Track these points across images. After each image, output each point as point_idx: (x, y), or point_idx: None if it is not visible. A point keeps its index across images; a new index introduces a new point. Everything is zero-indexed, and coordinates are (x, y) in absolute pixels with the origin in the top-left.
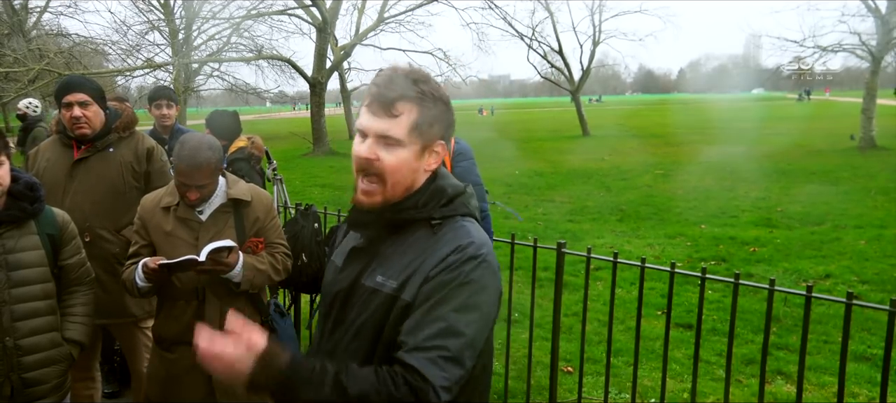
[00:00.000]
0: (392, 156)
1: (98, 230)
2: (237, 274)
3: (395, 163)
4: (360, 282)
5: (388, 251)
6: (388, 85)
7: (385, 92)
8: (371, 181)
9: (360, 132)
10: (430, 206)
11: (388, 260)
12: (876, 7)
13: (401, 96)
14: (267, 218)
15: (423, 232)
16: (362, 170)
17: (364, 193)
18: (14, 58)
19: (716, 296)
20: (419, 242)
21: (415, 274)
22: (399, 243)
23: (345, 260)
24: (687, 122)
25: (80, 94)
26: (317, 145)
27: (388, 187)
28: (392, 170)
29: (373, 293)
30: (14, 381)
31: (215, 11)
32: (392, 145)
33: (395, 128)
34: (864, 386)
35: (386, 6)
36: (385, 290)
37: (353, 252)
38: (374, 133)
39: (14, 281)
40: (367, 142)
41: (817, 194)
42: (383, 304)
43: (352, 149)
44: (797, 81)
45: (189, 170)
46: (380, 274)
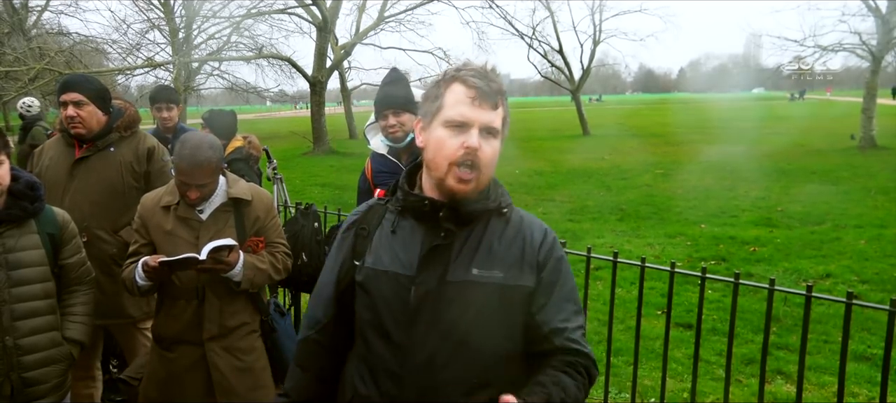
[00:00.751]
0: (490, 147)
1: (95, 230)
2: (237, 272)
3: (491, 155)
4: (448, 280)
5: (468, 244)
6: (487, 79)
7: (490, 85)
8: (470, 170)
9: (461, 124)
10: (496, 195)
11: (476, 252)
12: (876, 7)
13: (500, 90)
14: (267, 218)
15: (495, 220)
16: (462, 162)
17: (462, 181)
18: (14, 56)
19: (716, 296)
20: (499, 230)
21: (521, 261)
22: (475, 235)
23: (421, 260)
24: (687, 122)
25: (74, 94)
26: (317, 144)
27: (483, 177)
28: (488, 161)
29: (475, 286)
30: (14, 380)
31: (215, 10)
32: (492, 137)
33: (496, 120)
34: (864, 386)
35: (386, 5)
36: (492, 282)
37: (433, 252)
38: (481, 124)
39: (14, 280)
40: (472, 133)
41: (817, 194)
42: (495, 295)
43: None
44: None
45: (190, 170)
46: (474, 267)
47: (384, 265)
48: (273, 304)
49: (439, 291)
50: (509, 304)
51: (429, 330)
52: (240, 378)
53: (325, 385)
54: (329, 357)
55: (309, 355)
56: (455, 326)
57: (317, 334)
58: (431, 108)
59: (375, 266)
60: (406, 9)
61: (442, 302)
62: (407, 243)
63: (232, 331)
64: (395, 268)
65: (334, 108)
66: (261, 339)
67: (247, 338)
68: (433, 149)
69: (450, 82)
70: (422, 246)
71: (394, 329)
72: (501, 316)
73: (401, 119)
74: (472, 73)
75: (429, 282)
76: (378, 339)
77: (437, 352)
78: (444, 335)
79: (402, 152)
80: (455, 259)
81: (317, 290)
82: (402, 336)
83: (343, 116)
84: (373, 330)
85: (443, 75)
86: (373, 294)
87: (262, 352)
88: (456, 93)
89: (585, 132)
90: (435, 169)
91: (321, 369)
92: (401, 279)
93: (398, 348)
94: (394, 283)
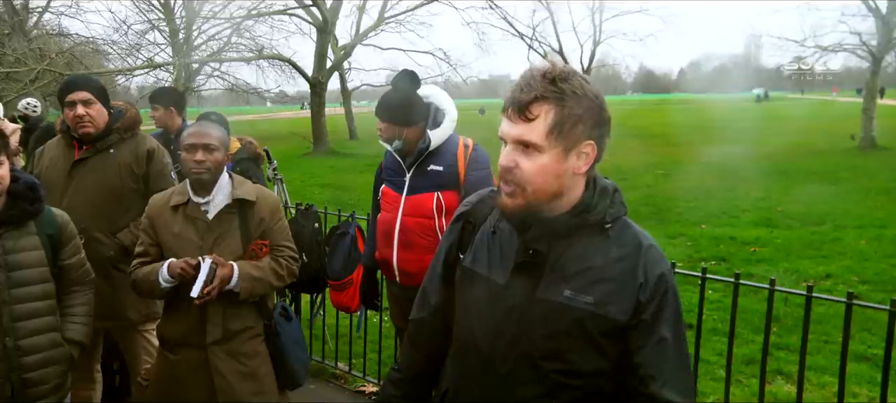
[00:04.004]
0: (531, 162)
1: (93, 232)
2: (234, 285)
3: (534, 170)
4: (537, 297)
5: (562, 260)
6: (524, 88)
7: (520, 95)
8: (510, 186)
9: (501, 139)
10: (600, 209)
11: (567, 271)
12: (876, 7)
13: (535, 98)
14: (273, 220)
15: (595, 236)
16: (502, 177)
17: (507, 196)
18: (15, 57)
19: (716, 296)
20: (596, 248)
21: (620, 291)
22: (570, 250)
23: (512, 271)
24: (687, 122)
25: (83, 93)
26: (317, 145)
27: (529, 193)
28: (531, 177)
29: (564, 309)
30: (14, 382)
31: (216, 11)
32: (531, 151)
33: (531, 132)
34: (865, 386)
35: (386, 6)
36: (580, 306)
37: (523, 264)
38: (512, 139)
39: (14, 281)
40: (506, 150)
41: (818, 194)
42: (581, 320)
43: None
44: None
45: (198, 130)
46: (565, 287)
47: (480, 267)
48: (280, 308)
49: (527, 307)
50: (597, 334)
51: (512, 345)
52: (242, 383)
53: (435, 363)
54: (440, 337)
55: (421, 333)
56: (539, 342)
57: (429, 315)
58: None
59: (473, 266)
60: (406, 10)
61: (528, 316)
62: (504, 248)
63: (235, 335)
64: (489, 273)
65: (335, 109)
66: (265, 344)
67: (250, 343)
68: None
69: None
70: (516, 256)
71: (481, 336)
72: (588, 342)
73: (380, 126)
74: (518, 81)
75: (517, 296)
76: (467, 340)
77: (518, 369)
78: (525, 353)
79: (406, 152)
80: (546, 275)
81: (430, 273)
82: (487, 343)
83: (343, 117)
84: (463, 332)
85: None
86: (467, 294)
87: (265, 357)
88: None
89: None
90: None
91: (433, 347)
92: (492, 286)
93: (481, 356)
94: (485, 289)
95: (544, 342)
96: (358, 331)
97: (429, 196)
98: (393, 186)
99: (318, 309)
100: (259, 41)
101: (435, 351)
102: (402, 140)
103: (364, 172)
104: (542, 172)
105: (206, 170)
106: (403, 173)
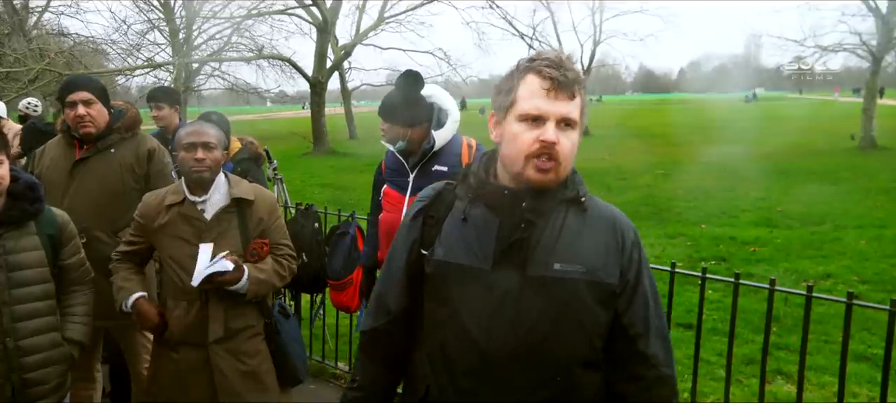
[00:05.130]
0: (569, 139)
1: (95, 232)
2: (242, 286)
3: (571, 147)
4: (528, 275)
5: (546, 236)
6: (564, 68)
7: (566, 74)
8: (551, 162)
9: (536, 117)
10: (574, 184)
11: (556, 245)
12: (876, 7)
13: (576, 80)
14: (271, 219)
15: (573, 211)
16: (540, 154)
17: (541, 171)
18: (15, 57)
19: (716, 296)
20: (579, 222)
21: (605, 256)
22: (553, 227)
23: (499, 254)
24: (687, 122)
25: (84, 93)
26: (317, 145)
27: (562, 170)
28: (567, 153)
29: (556, 282)
30: (14, 382)
31: (216, 11)
32: (570, 128)
33: (574, 110)
34: (865, 386)
35: (386, 6)
36: (573, 276)
37: (510, 245)
38: (558, 117)
39: (14, 281)
40: (548, 127)
41: (818, 194)
42: (578, 291)
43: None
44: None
45: (196, 129)
46: (556, 261)
47: (458, 257)
48: (278, 306)
49: (520, 286)
50: (593, 301)
51: (511, 327)
52: (243, 382)
53: (394, 373)
54: (399, 346)
55: (379, 345)
56: (538, 323)
57: (387, 325)
58: (505, 102)
59: (448, 258)
60: (406, 9)
61: (523, 298)
62: (481, 234)
63: (236, 334)
64: (470, 261)
65: (335, 109)
66: (265, 342)
67: (251, 341)
68: (508, 144)
69: (523, 73)
70: (498, 238)
71: (472, 325)
72: (584, 314)
73: (383, 126)
74: (547, 63)
75: (508, 277)
76: (454, 335)
77: (519, 350)
78: (526, 332)
79: (409, 152)
80: (534, 252)
81: (385, 279)
82: (482, 333)
83: (343, 117)
84: (449, 325)
85: (515, 66)
86: (446, 287)
87: (266, 355)
88: (530, 85)
89: (585, 132)
90: (511, 163)
91: (392, 358)
92: (477, 272)
93: (477, 345)
94: (470, 277)
95: (543, 319)
96: (358, 331)
97: None
98: (395, 187)
99: (318, 309)
100: (259, 41)
101: (394, 362)
102: (406, 140)
103: (364, 172)
104: (574, 149)
105: (207, 169)
106: (406, 173)
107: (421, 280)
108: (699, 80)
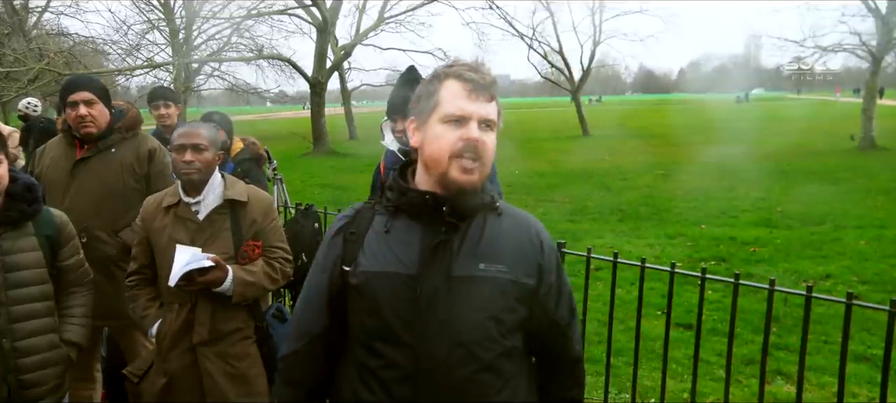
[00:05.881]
0: (490, 139)
1: (95, 231)
2: (227, 288)
3: (491, 147)
4: (454, 275)
5: (468, 239)
6: (479, 72)
7: (483, 78)
8: (475, 162)
9: (459, 118)
10: (490, 189)
11: (478, 247)
12: (876, 7)
13: (493, 83)
14: (265, 221)
15: (490, 215)
16: (463, 153)
17: (465, 171)
18: (14, 57)
19: (716, 296)
20: (496, 225)
21: (523, 258)
22: (474, 230)
23: (423, 258)
24: (687, 122)
25: (85, 93)
26: (317, 145)
27: (485, 169)
28: (491, 153)
29: (482, 281)
30: (11, 383)
31: (215, 11)
32: (490, 129)
33: (493, 112)
34: (864, 386)
35: (386, 6)
36: (499, 276)
37: (435, 249)
38: (479, 117)
39: (11, 282)
40: (471, 126)
41: (817, 194)
42: (502, 290)
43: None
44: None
45: (187, 131)
46: (480, 261)
47: (382, 266)
48: (275, 309)
49: (447, 288)
50: (514, 300)
51: (442, 328)
52: (231, 384)
53: (317, 398)
54: (322, 369)
55: (301, 370)
56: (467, 322)
57: (308, 347)
58: (426, 107)
59: (372, 267)
60: (406, 10)
61: (451, 299)
62: (404, 242)
63: (224, 337)
64: (395, 268)
65: (335, 109)
66: (256, 345)
67: (240, 344)
68: (431, 145)
69: (443, 79)
70: (421, 244)
71: (402, 331)
72: (507, 313)
73: (395, 126)
74: (466, 68)
75: (435, 280)
76: (384, 344)
77: (453, 350)
78: (457, 332)
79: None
80: (458, 254)
81: (304, 301)
82: (413, 337)
83: (343, 117)
84: (377, 334)
85: (434, 74)
86: (374, 297)
87: (256, 359)
88: (452, 89)
89: (585, 133)
90: (434, 166)
91: (313, 380)
92: (403, 279)
93: (410, 350)
94: (396, 284)
95: (472, 318)
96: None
97: None
98: None
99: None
100: (259, 41)
101: (314, 385)
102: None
103: (364, 172)
104: (493, 150)
105: (196, 171)
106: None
107: (343, 297)
108: (699, 81)
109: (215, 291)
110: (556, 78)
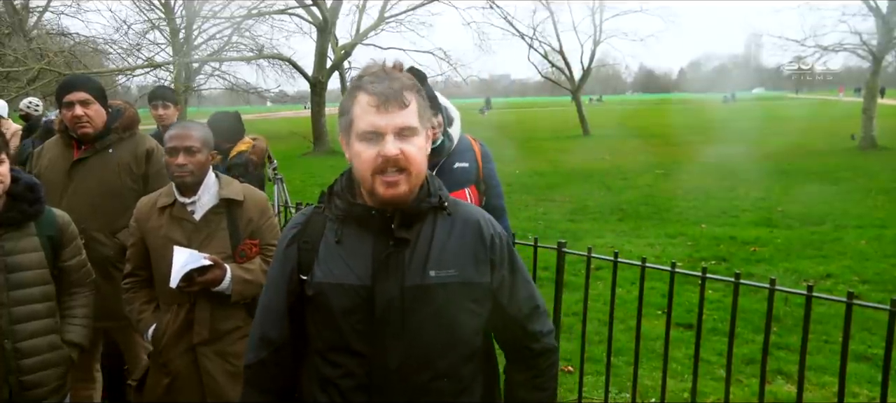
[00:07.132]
0: (412, 146)
1: (93, 232)
2: (226, 287)
3: (416, 153)
4: (407, 286)
5: (419, 246)
6: (387, 80)
7: (391, 86)
8: (398, 175)
9: (371, 134)
10: (435, 190)
11: (429, 253)
12: (876, 7)
13: (404, 86)
14: (262, 219)
15: (438, 216)
16: (384, 169)
17: (389, 185)
18: (14, 57)
19: (716, 296)
20: (446, 227)
21: (474, 258)
22: (424, 236)
23: (375, 269)
24: (687, 122)
25: (81, 93)
26: (317, 145)
27: (414, 178)
28: (415, 160)
29: (434, 289)
30: (12, 384)
31: (216, 10)
32: (409, 135)
33: (410, 118)
34: (865, 386)
35: (387, 6)
36: (450, 281)
37: (386, 259)
38: (394, 129)
39: (13, 283)
40: (386, 141)
41: (818, 194)
42: (455, 294)
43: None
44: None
45: (179, 132)
46: (430, 268)
47: (337, 277)
48: None
49: (401, 298)
50: (468, 302)
51: (396, 337)
52: (231, 383)
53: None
54: (288, 372)
55: (265, 378)
56: (421, 330)
57: (274, 355)
58: (345, 123)
59: (327, 279)
60: (407, 9)
61: (405, 309)
62: (356, 252)
63: (224, 336)
64: (349, 280)
65: (335, 109)
66: None
67: (240, 343)
68: (355, 163)
69: (354, 93)
70: (373, 255)
71: (357, 341)
72: (463, 315)
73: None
74: (371, 79)
75: (389, 290)
76: (340, 353)
77: (408, 359)
78: (412, 341)
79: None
80: (409, 263)
81: (264, 310)
82: (368, 347)
83: None
84: (333, 344)
85: (350, 85)
86: (329, 308)
87: None
88: (361, 103)
89: (586, 132)
90: (363, 181)
91: (278, 390)
92: (358, 290)
93: (365, 359)
94: (351, 295)
95: (426, 326)
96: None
97: (461, 193)
98: None
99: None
100: (259, 41)
101: (283, 387)
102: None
103: None
104: (421, 154)
105: (190, 174)
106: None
107: (302, 306)
108: (699, 80)
109: (214, 290)
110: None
